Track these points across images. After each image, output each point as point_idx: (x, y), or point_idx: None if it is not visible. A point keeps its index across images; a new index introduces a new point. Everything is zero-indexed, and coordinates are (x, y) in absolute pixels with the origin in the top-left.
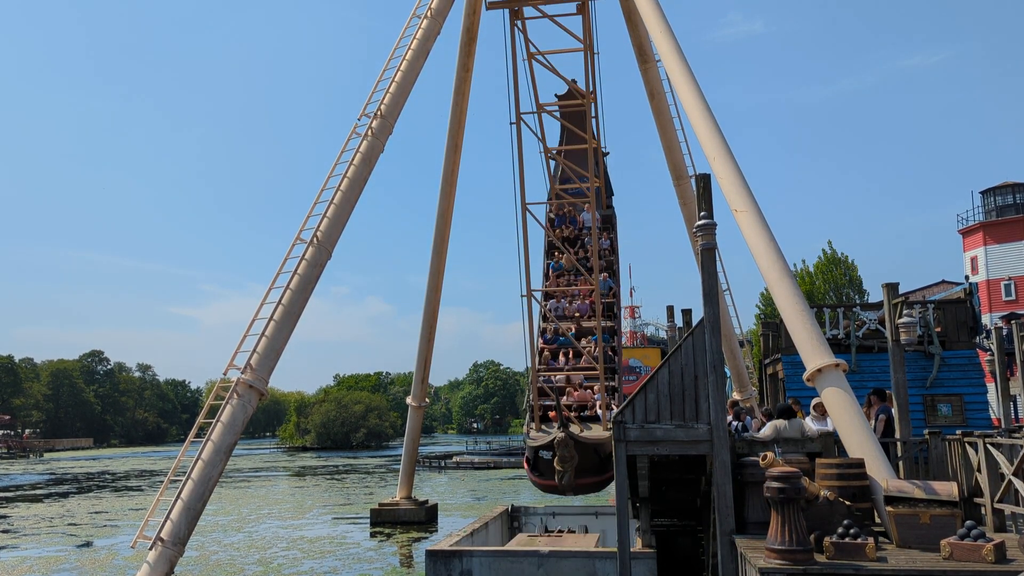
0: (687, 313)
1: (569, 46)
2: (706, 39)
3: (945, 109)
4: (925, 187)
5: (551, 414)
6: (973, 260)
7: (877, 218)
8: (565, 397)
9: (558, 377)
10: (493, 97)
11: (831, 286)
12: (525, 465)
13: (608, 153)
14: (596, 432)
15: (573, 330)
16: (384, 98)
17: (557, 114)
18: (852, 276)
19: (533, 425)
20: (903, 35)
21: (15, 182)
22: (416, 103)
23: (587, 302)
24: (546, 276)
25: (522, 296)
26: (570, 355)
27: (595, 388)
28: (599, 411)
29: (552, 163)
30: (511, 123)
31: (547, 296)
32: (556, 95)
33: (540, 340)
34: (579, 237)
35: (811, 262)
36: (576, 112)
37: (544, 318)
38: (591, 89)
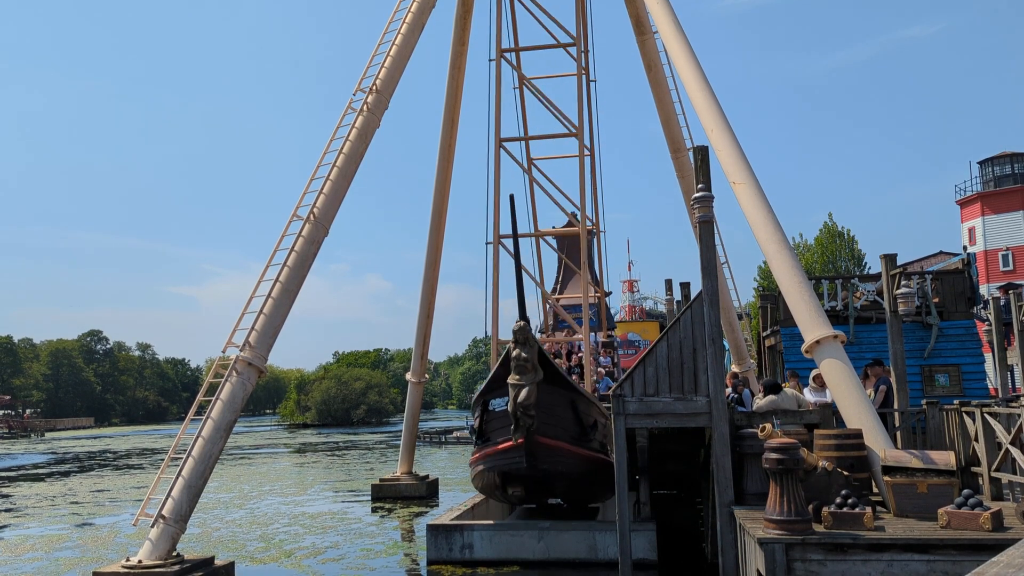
0: (685, 286)
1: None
2: (703, 10)
3: (943, 79)
4: (923, 158)
5: None
6: (971, 231)
7: (874, 189)
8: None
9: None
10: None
11: (829, 258)
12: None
13: (611, 293)
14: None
15: None
16: (379, 73)
17: (556, 245)
18: (853, 250)
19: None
20: (903, 4)
21: (13, 162)
22: (413, 77)
23: None
24: None
25: (487, 244)
26: None
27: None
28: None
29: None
30: (491, 59)
31: None
32: (553, 227)
33: None
34: (571, 352)
35: (808, 234)
36: (575, 244)
37: None
38: (587, 78)
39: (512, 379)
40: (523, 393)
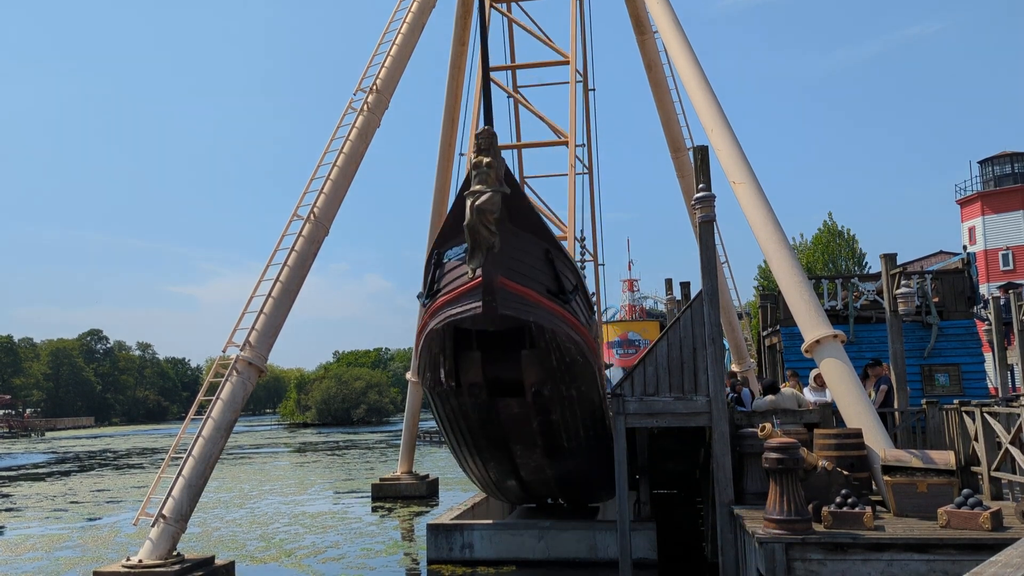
0: (686, 286)
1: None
2: (704, 10)
3: (944, 78)
4: (923, 157)
5: None
6: (971, 230)
7: (874, 189)
8: None
9: None
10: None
11: (830, 258)
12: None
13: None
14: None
15: None
16: (380, 72)
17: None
18: (853, 249)
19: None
20: (904, 3)
21: (12, 162)
22: (413, 77)
23: None
24: None
25: (461, 155)
26: None
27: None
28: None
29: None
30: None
31: None
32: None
33: None
34: None
35: (808, 234)
36: None
37: None
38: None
39: (473, 188)
40: (484, 197)
